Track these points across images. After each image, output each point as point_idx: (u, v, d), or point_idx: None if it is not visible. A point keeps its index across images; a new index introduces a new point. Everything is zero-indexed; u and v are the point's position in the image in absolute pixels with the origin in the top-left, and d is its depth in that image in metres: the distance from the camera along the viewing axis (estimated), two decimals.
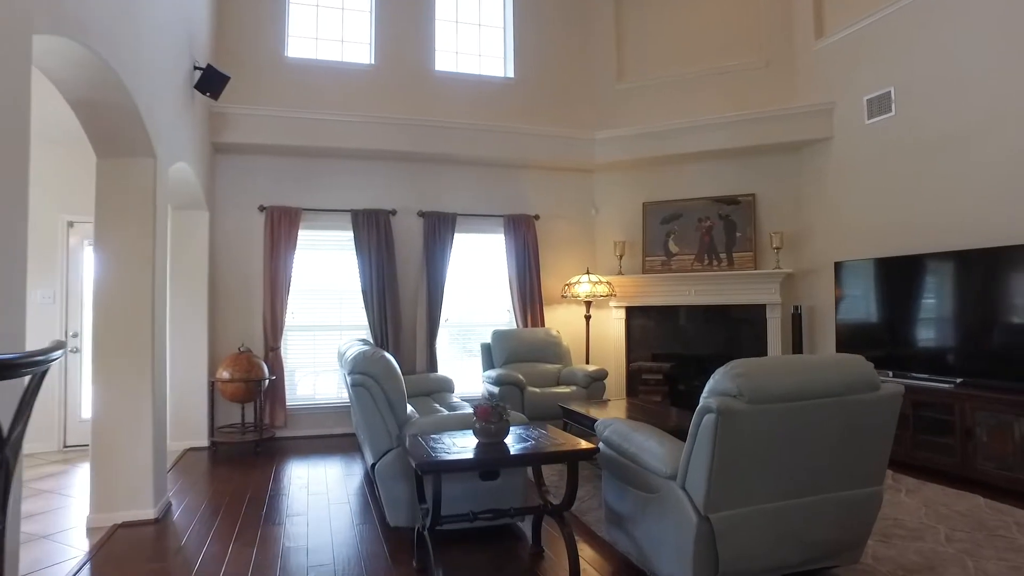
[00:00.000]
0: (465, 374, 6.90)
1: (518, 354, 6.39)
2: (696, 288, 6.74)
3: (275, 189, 6.25)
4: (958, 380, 4.78)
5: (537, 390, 5.89)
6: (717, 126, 6.46)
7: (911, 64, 5.40)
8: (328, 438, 6.18)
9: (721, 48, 6.89)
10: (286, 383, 6.16)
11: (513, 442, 3.09)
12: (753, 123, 6.33)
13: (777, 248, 6.33)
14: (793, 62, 6.57)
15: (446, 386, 5.72)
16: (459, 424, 3.52)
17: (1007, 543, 3.42)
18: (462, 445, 3.00)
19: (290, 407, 6.19)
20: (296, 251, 6.19)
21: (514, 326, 6.96)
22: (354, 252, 6.39)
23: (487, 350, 6.47)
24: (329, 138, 6.09)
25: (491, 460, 2.82)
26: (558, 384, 6.36)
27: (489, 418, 3.01)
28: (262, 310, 6.09)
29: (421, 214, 6.64)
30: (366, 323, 6.42)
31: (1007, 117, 4.70)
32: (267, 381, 5.77)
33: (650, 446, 2.91)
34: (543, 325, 6.92)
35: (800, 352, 6.20)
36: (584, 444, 3.11)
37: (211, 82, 4.72)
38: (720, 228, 6.75)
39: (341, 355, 4.23)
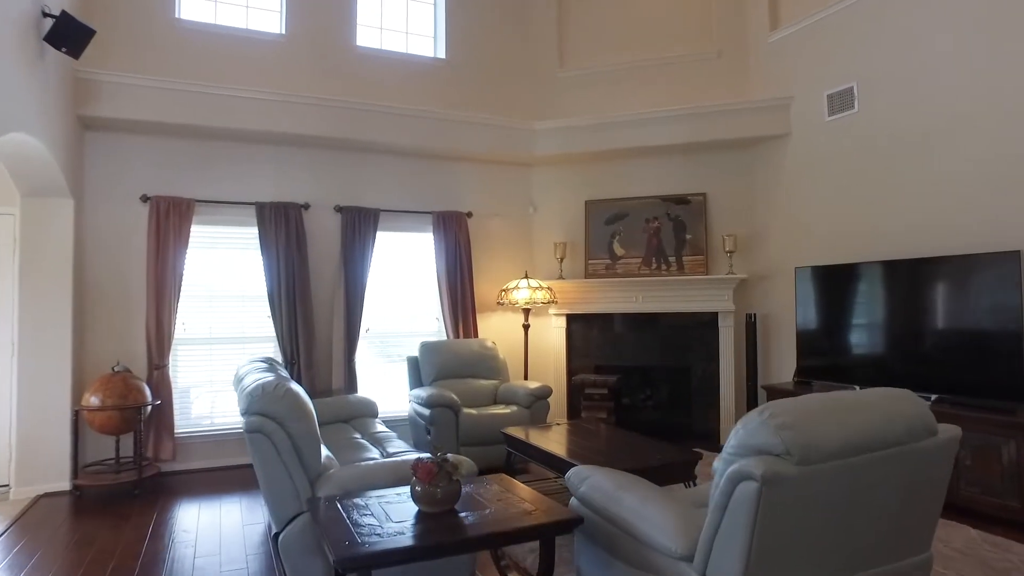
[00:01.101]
0: (389, 392, 6.00)
1: (450, 369, 5.56)
2: (644, 294, 6.12)
3: (162, 176, 5.16)
4: (933, 397, 4.33)
5: (473, 411, 5.09)
6: (666, 119, 5.86)
7: (875, 58, 4.95)
8: (228, 471, 5.15)
9: (670, 36, 6.31)
10: (175, 407, 5.09)
11: (466, 509, 2.29)
12: (705, 117, 5.76)
13: (730, 252, 5.79)
14: (746, 53, 6.06)
15: (368, 410, 4.82)
16: (391, 477, 2.68)
17: None
18: (399, 518, 2.17)
19: (180, 435, 5.11)
20: (188, 249, 5.13)
21: (444, 336, 6.12)
22: (259, 252, 5.39)
23: (414, 365, 5.61)
24: (230, 117, 5.06)
25: (443, 545, 2.00)
26: (495, 403, 5.57)
27: (434, 480, 2.19)
28: (145, 321, 4.99)
29: (339, 209, 5.70)
30: (273, 334, 5.43)
31: (977, 116, 4.30)
32: (150, 407, 4.70)
33: (650, 514, 2.17)
34: (476, 335, 6.13)
35: (755, 364, 5.69)
36: (562, 512, 2.34)
37: (68, 35, 3.65)
38: (669, 229, 6.16)
39: (238, 382, 3.29)
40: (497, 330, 6.41)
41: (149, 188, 5.09)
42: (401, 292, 6.10)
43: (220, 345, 5.40)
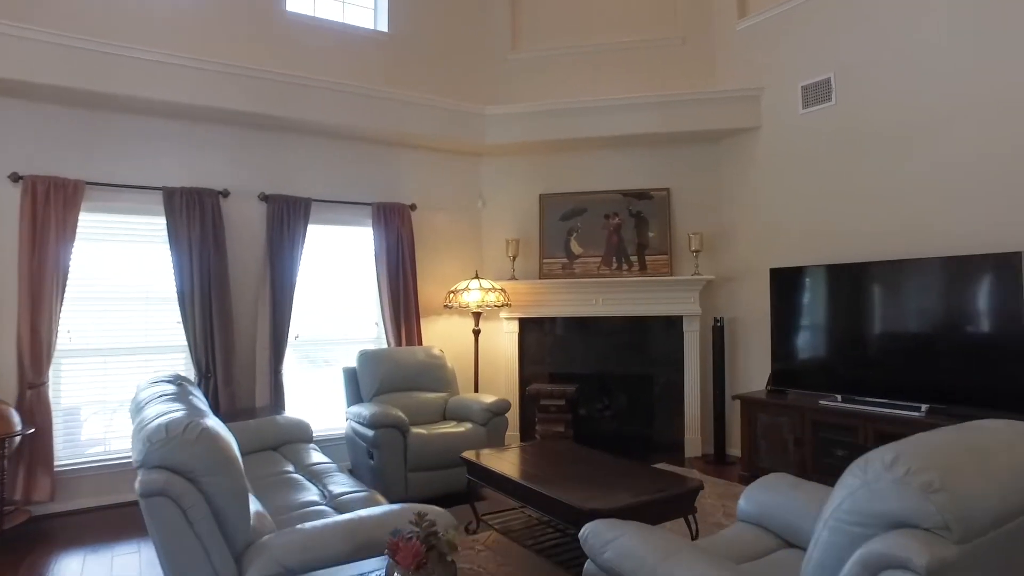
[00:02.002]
0: (321, 407, 5.21)
1: (393, 381, 4.84)
2: (604, 296, 5.59)
3: (40, 151, 4.19)
4: (923, 406, 3.99)
5: (423, 431, 4.39)
6: (627, 108, 5.35)
7: (854, 49, 4.61)
8: (126, 509, 4.24)
9: (631, 19, 5.81)
10: (57, 434, 4.14)
11: None
12: (669, 106, 5.29)
13: (696, 251, 5.34)
14: (712, 41, 5.63)
15: (301, 434, 4.03)
16: (347, 544, 1.98)
17: None
18: None
19: (62, 469, 4.16)
20: (76, 242, 4.19)
21: (384, 344, 5.39)
22: (168, 245, 4.50)
23: (352, 377, 4.85)
24: (131, 83, 4.15)
25: None
26: (444, 419, 4.90)
27: (423, 567, 1.51)
28: (16, 329, 4.02)
29: (264, 198, 4.87)
30: (185, 343, 4.55)
31: (965, 111, 3.99)
32: (18, 438, 3.75)
33: None
34: (421, 342, 5.42)
35: (722, 371, 5.26)
36: None
37: None
38: (630, 226, 5.66)
39: (136, 411, 2.48)
40: (443, 336, 5.72)
41: (21, 165, 4.11)
42: (336, 293, 5.32)
43: (118, 357, 4.47)
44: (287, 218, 4.87)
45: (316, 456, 3.65)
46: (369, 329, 5.46)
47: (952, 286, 3.93)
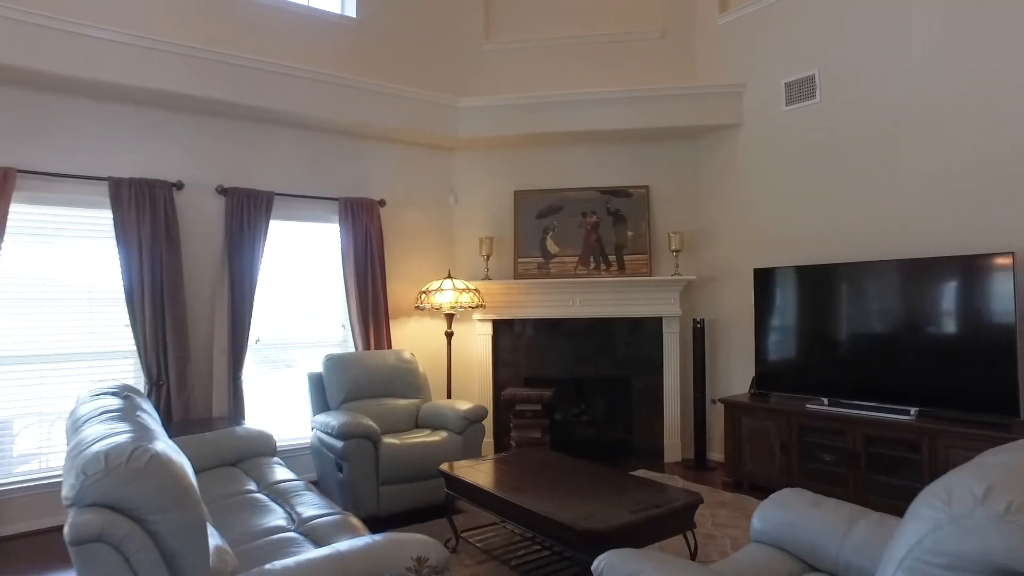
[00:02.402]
0: (284, 416, 4.86)
1: (361, 387, 4.52)
2: (581, 297, 5.37)
3: None
4: (912, 409, 3.87)
5: (395, 441, 4.09)
6: (606, 102, 5.14)
7: (840, 45, 4.48)
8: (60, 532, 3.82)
9: (610, 11, 5.60)
10: None
11: None
12: (648, 101, 5.10)
13: (676, 251, 5.16)
14: (693, 36, 5.47)
15: (263, 447, 3.68)
16: None
17: None
18: None
19: None
20: (4, 236, 3.76)
21: (351, 347, 5.05)
22: (115, 242, 4.10)
23: (318, 383, 4.51)
24: (72, 62, 3.74)
25: None
26: (417, 427, 4.60)
27: None
28: None
29: (223, 191, 4.49)
30: (134, 347, 4.15)
31: (957, 111, 3.90)
32: None
33: None
34: (390, 345, 5.11)
35: (703, 374, 5.09)
36: None
37: None
38: (608, 225, 5.45)
39: (72, 430, 2.14)
40: (414, 339, 5.42)
41: None
42: (300, 294, 4.96)
43: (56, 364, 4.04)
44: (247, 213, 4.51)
45: (281, 472, 3.32)
46: (335, 332, 5.13)
47: (942, 287, 3.82)
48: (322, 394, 4.50)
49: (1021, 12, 3.70)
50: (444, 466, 3.55)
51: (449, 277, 5.13)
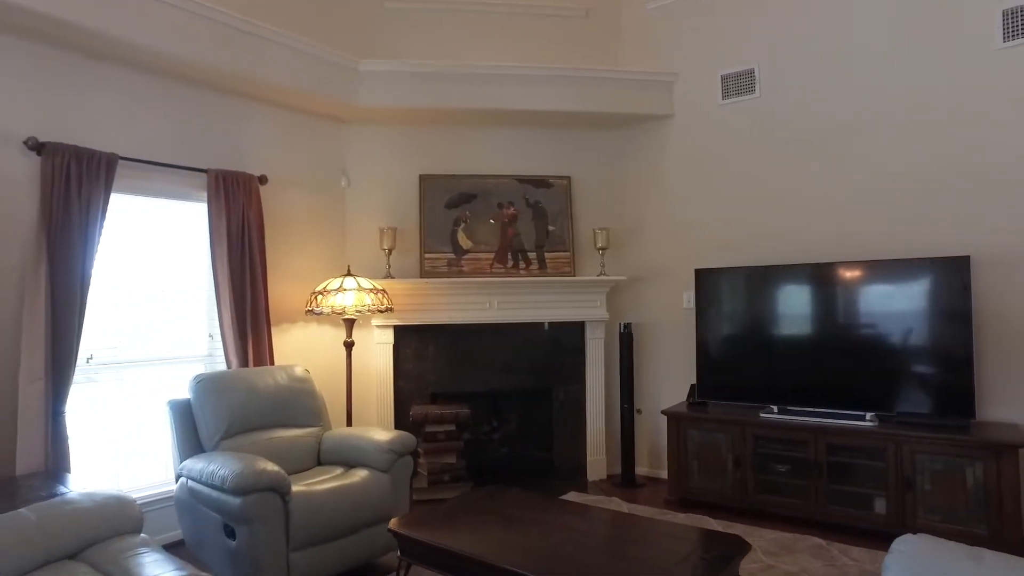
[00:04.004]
0: (131, 459, 3.52)
1: (247, 417, 3.37)
2: (499, 299, 4.62)
3: None
4: (868, 415, 3.69)
5: (304, 488, 3.03)
6: (528, 80, 4.48)
7: (782, 39, 4.26)
8: None
9: None
10: None
11: None
12: (574, 83, 4.52)
13: (602, 249, 4.63)
14: (619, 18, 4.98)
15: (120, 520, 2.39)
16: None
17: None
18: None
19: None
20: None
21: (222, 363, 3.83)
22: None
23: (183, 414, 3.28)
24: None
25: None
26: (320, 464, 3.56)
27: None
28: None
29: (37, 146, 3.08)
30: None
31: (904, 112, 3.83)
32: None
33: None
34: (273, 360, 3.96)
35: (631, 383, 4.60)
36: None
37: None
38: (527, 218, 4.77)
39: None
40: (301, 351, 4.30)
41: None
42: (152, 294, 3.65)
43: None
44: (77, 182, 3.14)
45: (153, 564, 2.17)
46: (199, 343, 3.86)
47: (897, 290, 3.67)
48: (191, 429, 3.27)
49: (962, 16, 3.67)
50: (394, 523, 2.63)
51: (349, 274, 4.11)
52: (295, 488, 2.99)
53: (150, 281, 3.64)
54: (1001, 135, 3.58)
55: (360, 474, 3.28)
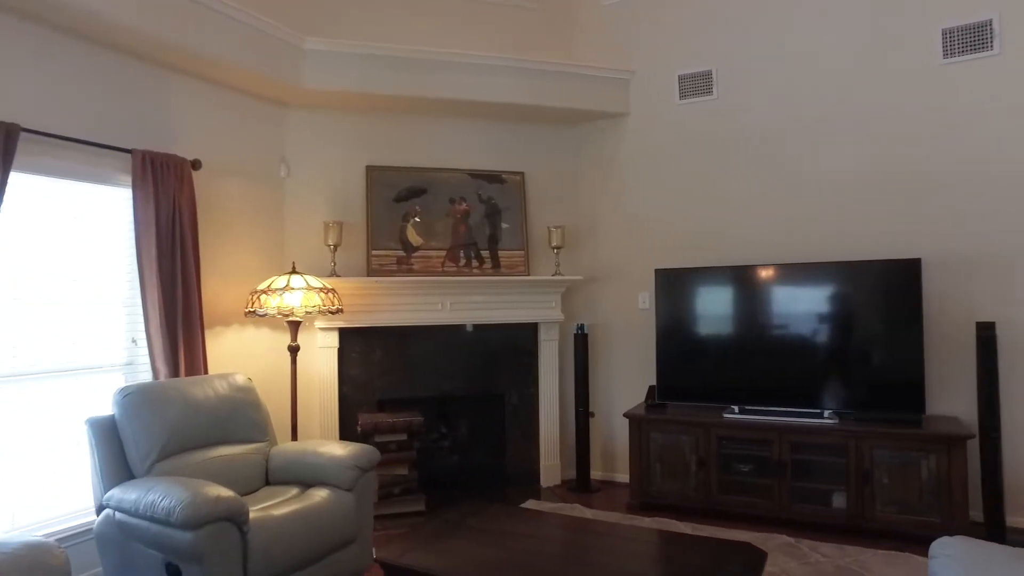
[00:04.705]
0: (37, 488, 2.93)
1: (186, 435, 2.90)
2: (452, 300, 4.34)
3: None
4: (826, 412, 3.75)
5: (260, 514, 2.62)
6: (484, 69, 4.24)
7: (740, 42, 4.28)
8: None
9: None
10: None
11: None
12: (530, 76, 4.33)
13: (557, 248, 4.46)
14: (571, 13, 4.82)
15: (38, 572, 1.96)
16: None
17: None
18: None
19: None
20: None
21: (148, 373, 3.30)
22: None
23: (108, 435, 2.76)
24: None
25: None
26: (268, 484, 3.13)
27: None
28: None
29: None
30: None
31: (858, 117, 3.93)
32: None
33: None
34: (207, 368, 3.47)
35: (586, 385, 4.45)
36: None
37: None
38: (480, 214, 4.51)
39: None
40: (237, 358, 3.81)
41: None
42: (62, 292, 3.06)
43: None
44: None
45: None
46: (118, 350, 3.30)
47: (853, 291, 3.75)
48: (117, 451, 2.76)
49: (906, 33, 3.81)
50: (387, 556, 2.29)
51: (294, 272, 3.68)
52: (252, 514, 2.58)
53: (59, 277, 3.06)
54: (947, 145, 3.74)
55: (320, 494, 2.90)
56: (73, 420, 3.09)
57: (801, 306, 3.86)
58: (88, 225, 3.17)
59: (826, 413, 3.75)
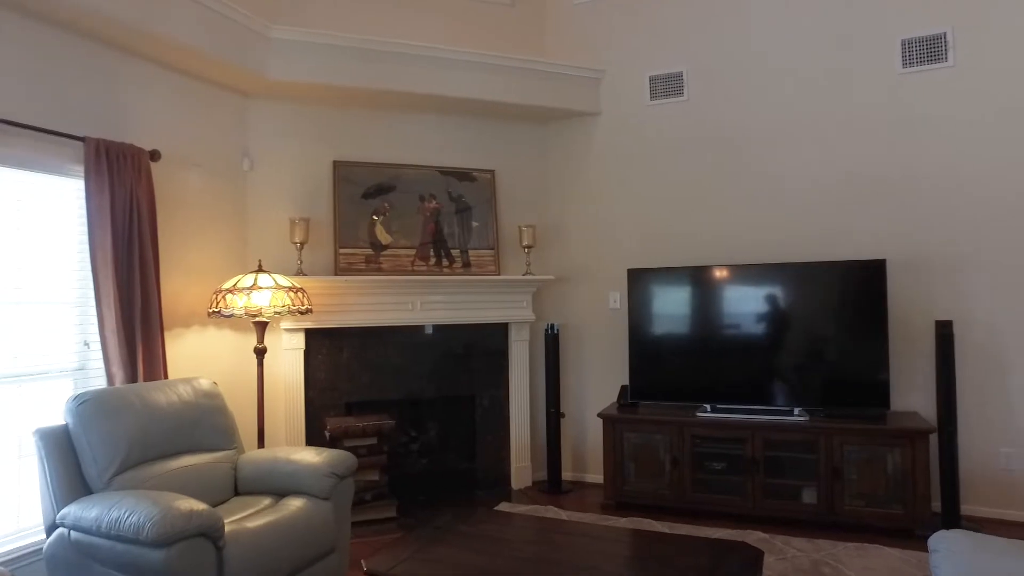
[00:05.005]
0: None
1: (148, 444, 2.68)
2: (423, 300, 4.21)
3: None
4: (796, 410, 3.82)
5: (235, 527, 2.45)
6: (456, 65, 4.15)
7: (711, 46, 4.33)
8: None
9: None
10: None
11: None
12: (501, 72, 4.27)
13: (528, 247, 4.40)
14: (544, 11, 4.77)
15: None
16: None
17: None
18: None
19: None
20: None
21: (101, 379, 3.05)
22: None
23: (61, 445, 2.52)
24: None
25: None
26: (237, 495, 2.94)
27: None
28: None
29: None
30: None
31: (822, 123, 4.04)
32: None
33: None
34: (167, 373, 3.24)
35: (557, 386, 4.41)
36: None
37: None
38: (450, 212, 4.40)
39: None
40: (197, 362, 3.58)
41: None
42: (4, 291, 2.79)
43: None
44: None
45: None
46: (69, 355, 3.04)
47: (820, 291, 3.83)
48: (71, 464, 2.52)
49: (868, 42, 3.93)
50: (374, 565, 2.16)
51: (261, 270, 3.49)
52: (231, 529, 2.40)
53: (2, 274, 2.79)
54: (907, 151, 3.86)
55: (296, 503, 2.73)
56: (17, 431, 2.82)
57: (771, 305, 3.92)
58: (36, 217, 2.91)
59: (796, 411, 3.82)
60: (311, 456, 2.92)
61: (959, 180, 3.77)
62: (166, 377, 3.21)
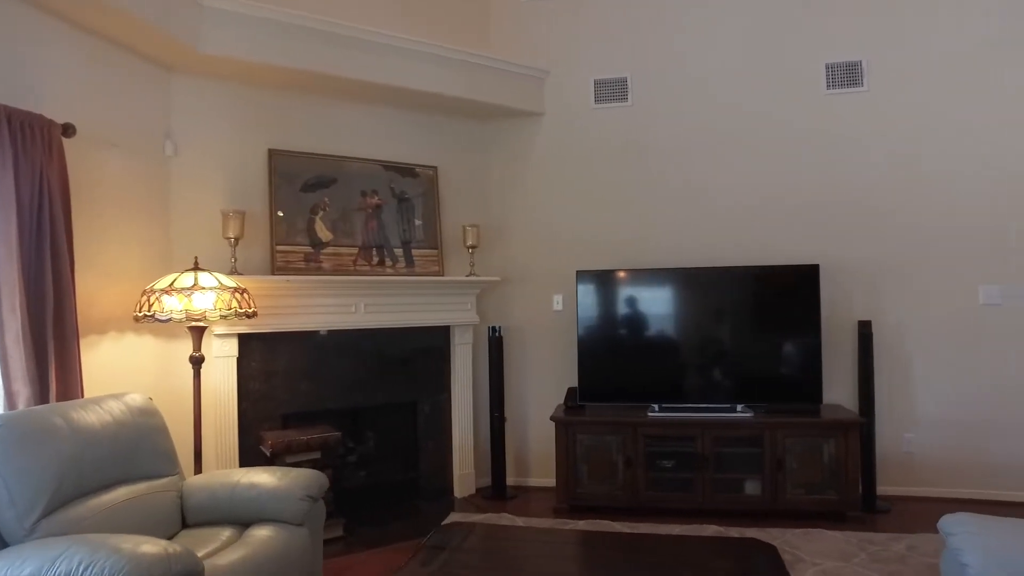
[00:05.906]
0: None
1: (79, 477, 2.19)
2: (367, 302, 3.88)
3: None
4: (738, 407, 3.96)
5: (209, 569, 2.05)
6: (402, 53, 3.88)
7: (654, 54, 4.39)
8: None
9: None
10: None
11: None
12: (446, 65, 4.05)
13: (471, 247, 4.22)
14: (488, 5, 4.58)
15: None
16: None
17: None
18: None
19: None
20: None
21: (1, 401, 2.47)
22: None
23: None
24: None
25: None
26: (186, 527, 2.50)
27: None
28: None
29: None
30: None
31: (754, 133, 4.23)
32: None
33: None
34: (83, 390, 2.69)
35: (501, 390, 4.26)
36: None
37: None
38: (393, 209, 4.10)
39: None
40: (114, 374, 3.02)
41: None
42: None
43: None
44: None
45: None
46: None
47: (759, 294, 4.00)
48: None
49: (796, 63, 4.18)
50: None
51: (199, 268, 3.01)
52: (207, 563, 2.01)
53: None
54: (831, 166, 4.14)
55: (264, 533, 2.36)
56: None
57: (713, 307, 4.03)
58: None
59: (738, 407, 3.96)
60: (272, 479, 2.54)
61: (872, 194, 4.10)
62: (82, 395, 2.67)
